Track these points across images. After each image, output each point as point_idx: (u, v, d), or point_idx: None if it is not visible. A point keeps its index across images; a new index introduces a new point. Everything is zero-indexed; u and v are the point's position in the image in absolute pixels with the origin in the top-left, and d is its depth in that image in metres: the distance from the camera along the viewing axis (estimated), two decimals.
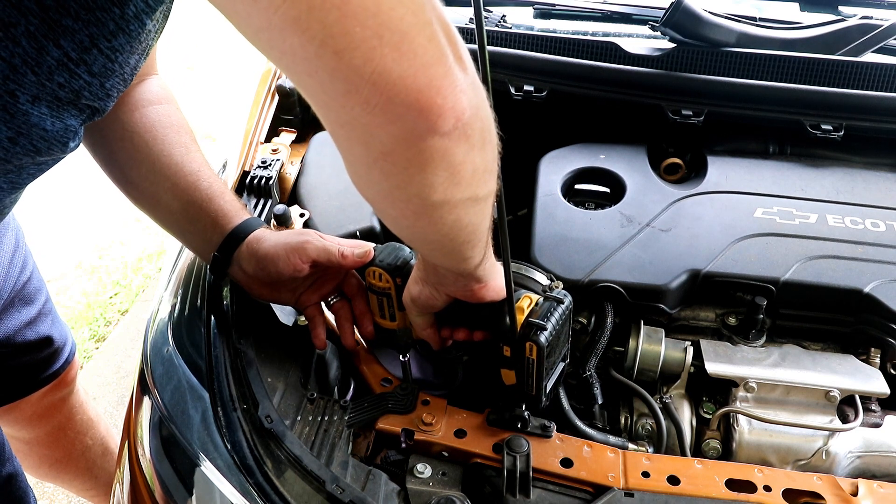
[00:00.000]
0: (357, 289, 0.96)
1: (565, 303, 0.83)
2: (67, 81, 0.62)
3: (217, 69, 4.62)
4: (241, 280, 0.93)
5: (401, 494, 0.77)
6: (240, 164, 1.20)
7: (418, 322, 0.89)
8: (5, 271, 1.14)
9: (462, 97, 0.52)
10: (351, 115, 0.51)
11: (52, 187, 3.14)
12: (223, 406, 0.83)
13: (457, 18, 1.52)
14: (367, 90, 0.49)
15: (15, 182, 0.73)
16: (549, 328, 0.78)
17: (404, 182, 0.56)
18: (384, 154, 0.54)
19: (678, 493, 0.78)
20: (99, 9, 0.58)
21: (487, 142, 0.59)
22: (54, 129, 0.66)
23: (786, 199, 1.17)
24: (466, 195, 0.60)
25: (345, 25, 0.46)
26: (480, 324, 0.88)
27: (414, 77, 0.49)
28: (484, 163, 0.59)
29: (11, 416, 1.36)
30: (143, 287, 2.93)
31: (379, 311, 0.94)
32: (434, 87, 0.50)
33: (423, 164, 0.54)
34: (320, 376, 0.95)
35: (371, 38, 0.47)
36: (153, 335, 0.99)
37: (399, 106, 0.50)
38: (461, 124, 0.53)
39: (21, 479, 1.17)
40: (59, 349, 1.35)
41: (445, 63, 0.51)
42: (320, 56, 0.47)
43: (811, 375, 0.96)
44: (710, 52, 1.31)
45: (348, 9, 0.46)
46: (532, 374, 0.81)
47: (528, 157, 1.32)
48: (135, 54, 0.67)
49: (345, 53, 0.47)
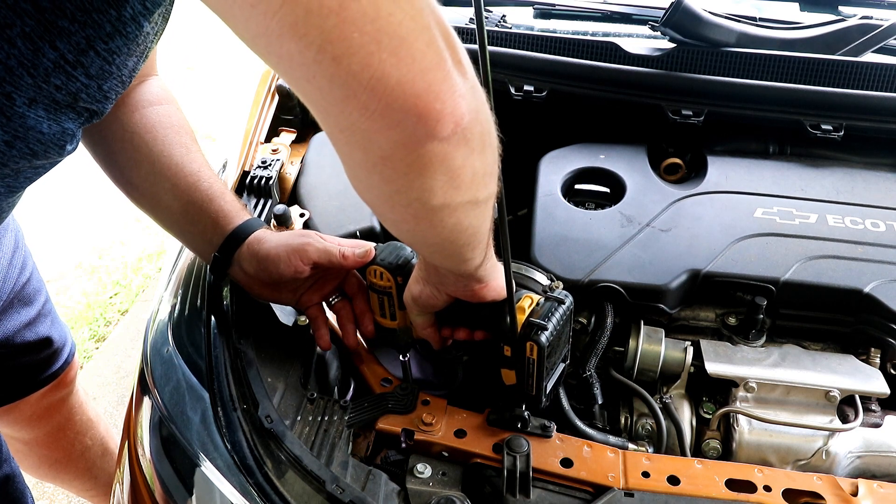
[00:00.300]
0: (358, 288, 0.96)
1: (566, 303, 0.83)
2: (64, 83, 0.62)
3: (217, 69, 4.61)
4: (242, 280, 0.93)
5: (401, 494, 0.77)
6: (240, 164, 1.20)
7: (419, 321, 0.89)
8: (4, 272, 1.14)
9: (461, 102, 0.52)
10: (350, 121, 0.51)
11: (52, 188, 3.14)
12: (223, 406, 0.83)
13: (457, 18, 1.52)
14: (366, 96, 0.49)
15: (12, 186, 0.72)
16: (549, 328, 0.78)
17: (404, 186, 0.56)
18: (383, 159, 0.54)
19: (678, 493, 0.78)
20: (95, 11, 0.59)
21: (487, 145, 0.59)
22: (51, 133, 0.65)
23: (786, 199, 1.17)
24: (466, 199, 0.60)
25: (343, 31, 0.46)
26: (481, 324, 0.88)
27: (412, 82, 0.49)
28: (484, 166, 0.59)
29: (11, 417, 1.36)
30: (143, 287, 2.93)
31: (380, 310, 0.94)
32: (433, 92, 0.50)
33: (422, 169, 0.54)
34: (320, 376, 0.95)
35: (369, 44, 0.47)
36: (153, 335, 0.99)
37: (398, 111, 0.50)
38: (460, 129, 0.53)
39: (19, 479, 1.17)
40: (59, 350, 1.35)
41: (444, 68, 0.51)
42: (318, 62, 0.47)
43: (811, 375, 0.96)
44: (710, 52, 1.31)
45: (346, 14, 0.46)
46: (532, 375, 0.81)
47: (528, 157, 1.32)
48: (133, 56, 0.67)
49: (343, 59, 0.47)
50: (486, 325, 0.87)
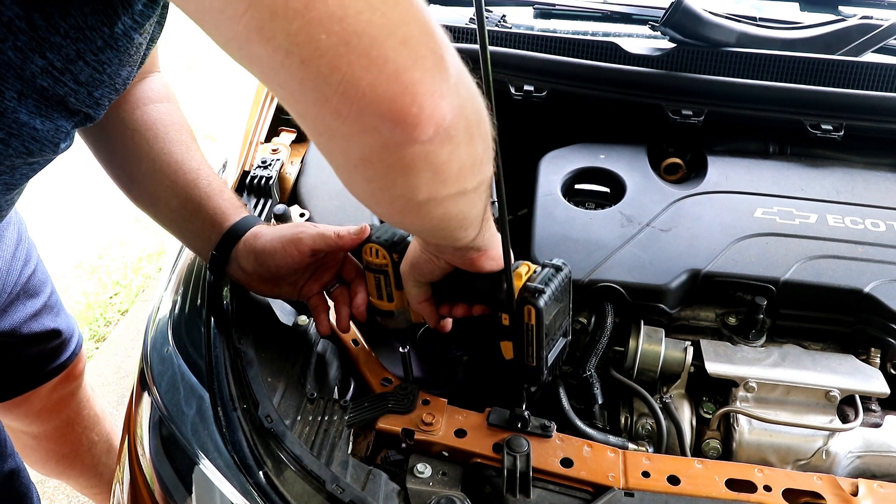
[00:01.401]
0: (356, 273, 0.95)
1: (564, 270, 0.80)
2: (51, 86, 0.62)
3: (217, 69, 4.61)
4: (241, 278, 0.93)
5: (401, 494, 0.77)
6: (240, 164, 1.20)
7: (415, 294, 0.86)
8: (8, 265, 1.14)
9: (441, 102, 0.49)
10: (325, 125, 0.49)
11: (52, 187, 3.14)
12: (223, 406, 0.83)
13: (457, 18, 1.52)
14: (337, 100, 0.46)
15: (9, 183, 0.73)
16: (547, 292, 0.76)
17: (387, 185, 0.55)
18: (363, 161, 0.52)
19: (678, 493, 0.78)
20: (89, 28, 0.60)
21: (475, 136, 0.56)
22: (45, 129, 0.66)
23: (786, 199, 1.17)
24: (454, 191, 0.58)
25: (309, 33, 0.44)
26: (479, 296, 0.85)
27: (386, 85, 0.46)
28: (472, 157, 0.57)
29: (21, 410, 1.37)
30: (143, 287, 2.93)
31: (376, 291, 0.91)
32: (409, 96, 0.47)
33: (404, 169, 0.52)
34: (320, 376, 0.95)
35: (337, 45, 0.45)
36: (153, 334, 0.99)
37: (371, 116, 0.47)
38: (442, 129, 0.50)
39: (24, 475, 1.17)
40: (66, 341, 1.36)
41: (421, 66, 0.48)
42: (287, 66, 0.46)
43: (811, 375, 0.96)
44: (710, 52, 1.31)
45: (312, 15, 0.44)
46: (532, 343, 0.79)
47: (528, 157, 1.32)
48: (126, 66, 0.68)
49: (311, 62, 0.45)
50: (484, 297, 0.84)
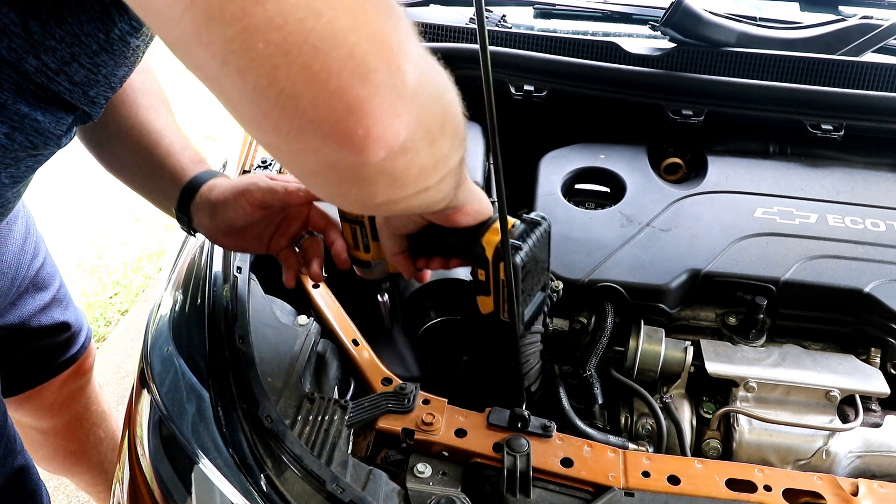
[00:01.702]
0: (325, 222, 0.91)
1: (543, 225, 0.78)
2: (46, 84, 0.62)
3: None
4: (207, 232, 0.90)
5: (401, 494, 0.77)
6: (240, 164, 1.20)
7: (390, 245, 0.83)
8: (17, 258, 1.14)
9: (393, 122, 0.44)
10: (266, 140, 0.46)
11: (52, 187, 3.14)
12: (223, 405, 0.83)
13: (457, 18, 1.52)
14: (276, 115, 0.42)
15: (15, 176, 0.73)
16: (525, 248, 0.75)
17: (342, 192, 0.52)
18: (313, 173, 0.49)
19: (678, 493, 0.78)
20: (85, 34, 0.60)
21: (438, 137, 0.51)
22: (46, 121, 0.66)
23: (786, 198, 1.17)
24: (413, 191, 0.54)
25: (245, 40, 0.40)
26: (455, 251, 0.84)
27: (328, 104, 0.42)
28: (433, 158, 0.52)
29: (32, 405, 1.37)
30: (143, 287, 2.93)
31: (353, 241, 0.90)
32: (354, 117, 0.43)
33: (357, 182, 0.49)
34: (320, 376, 0.95)
35: (275, 56, 0.40)
36: (153, 334, 0.99)
37: (313, 136, 0.43)
38: (396, 147, 0.46)
39: (33, 472, 1.17)
40: (76, 334, 1.36)
41: (371, 82, 0.42)
42: (225, 74, 0.41)
43: (811, 375, 0.96)
44: (710, 52, 1.31)
45: (249, 21, 0.39)
46: (509, 299, 0.77)
47: (528, 157, 1.32)
48: (122, 67, 0.68)
49: (248, 73, 0.41)
50: (460, 251, 0.82)
